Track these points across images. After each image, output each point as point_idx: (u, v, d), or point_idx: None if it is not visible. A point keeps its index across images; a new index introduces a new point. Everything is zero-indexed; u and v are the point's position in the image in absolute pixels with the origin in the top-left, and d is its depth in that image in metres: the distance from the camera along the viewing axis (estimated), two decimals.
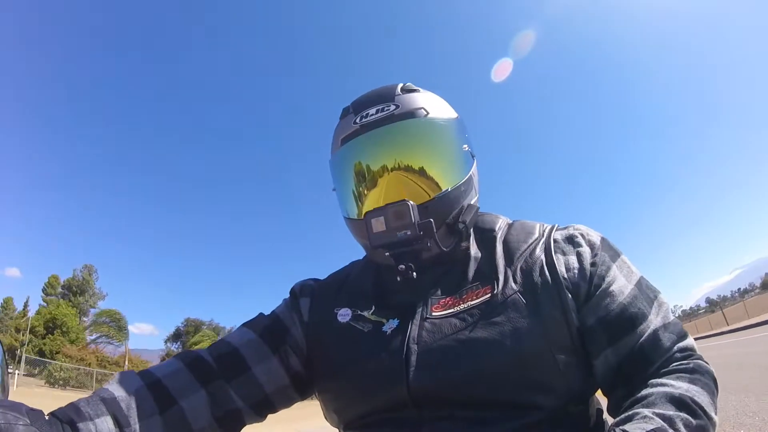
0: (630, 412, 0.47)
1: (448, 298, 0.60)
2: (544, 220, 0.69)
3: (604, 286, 0.57)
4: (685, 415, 0.46)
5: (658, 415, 0.46)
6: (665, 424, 0.45)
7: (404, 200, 0.59)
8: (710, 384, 0.52)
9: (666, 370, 0.52)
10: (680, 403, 0.47)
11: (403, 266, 0.59)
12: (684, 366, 0.52)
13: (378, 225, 0.59)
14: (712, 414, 0.49)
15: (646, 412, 0.47)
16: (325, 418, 0.68)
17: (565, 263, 0.59)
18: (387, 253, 0.61)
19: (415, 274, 0.59)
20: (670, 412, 0.47)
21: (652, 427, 0.44)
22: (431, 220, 0.58)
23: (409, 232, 0.58)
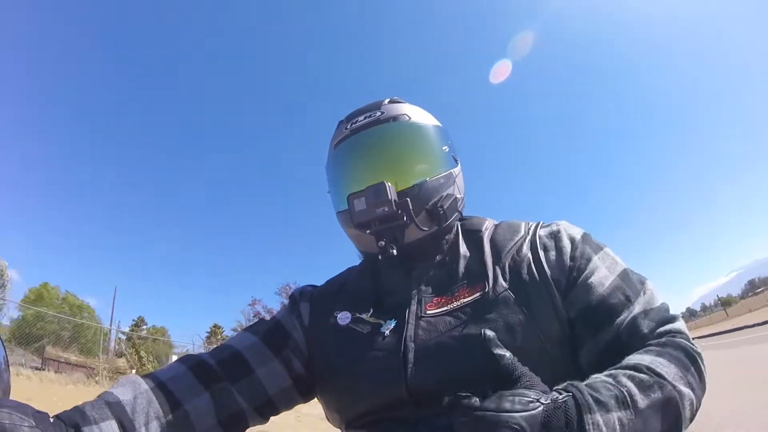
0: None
1: (440, 297, 0.63)
2: (540, 219, 0.71)
3: (582, 278, 0.60)
4: (632, 372, 0.48)
5: (606, 373, 0.48)
6: (608, 379, 0.47)
7: (382, 181, 0.64)
8: (681, 358, 0.51)
9: (641, 350, 0.53)
10: (633, 367, 0.49)
11: (383, 242, 0.63)
12: (655, 343, 0.53)
13: (359, 204, 0.64)
14: (675, 382, 0.48)
15: (596, 374, 0.49)
16: (327, 418, 0.70)
17: (548, 258, 0.62)
18: (368, 231, 0.65)
19: (395, 251, 0.63)
20: (617, 371, 0.49)
21: (594, 380, 0.46)
22: (408, 199, 0.63)
23: (386, 209, 0.62)
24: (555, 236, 0.66)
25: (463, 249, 0.69)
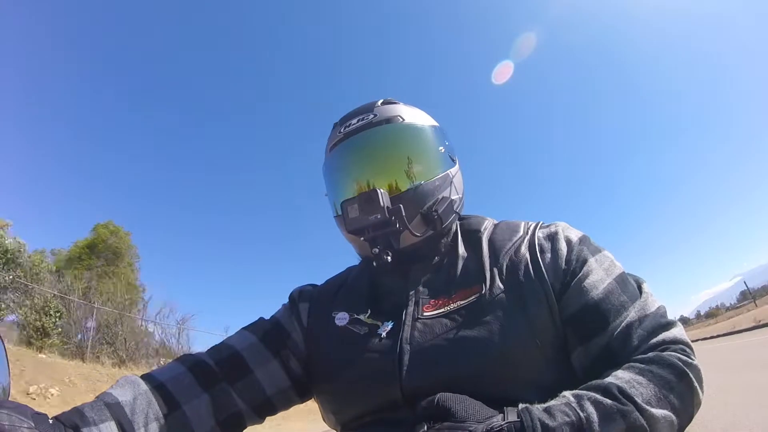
0: None
1: (438, 299, 0.63)
2: (543, 220, 0.71)
3: (575, 281, 0.59)
4: (598, 396, 0.46)
5: (574, 393, 0.47)
6: (573, 401, 0.45)
7: (374, 188, 0.64)
8: (665, 376, 0.49)
9: (625, 365, 0.51)
10: (603, 389, 0.47)
11: (378, 249, 0.62)
12: (641, 358, 0.51)
13: (352, 211, 0.64)
14: (647, 406, 0.45)
15: (565, 393, 0.47)
16: (323, 419, 0.70)
17: (544, 260, 0.61)
18: (362, 238, 0.65)
19: (390, 258, 0.63)
20: (583, 391, 0.47)
21: (558, 402, 0.46)
22: (401, 206, 0.63)
23: (379, 216, 0.62)
24: (552, 238, 0.65)
25: (461, 250, 0.69)
